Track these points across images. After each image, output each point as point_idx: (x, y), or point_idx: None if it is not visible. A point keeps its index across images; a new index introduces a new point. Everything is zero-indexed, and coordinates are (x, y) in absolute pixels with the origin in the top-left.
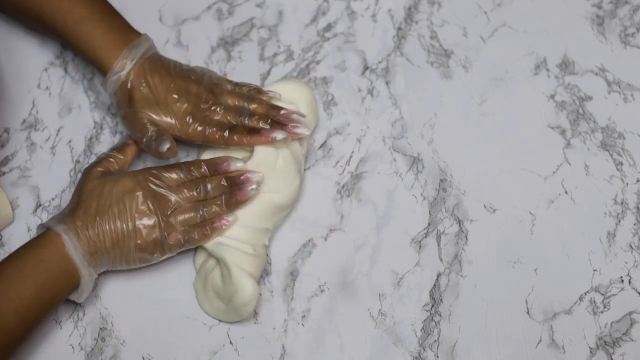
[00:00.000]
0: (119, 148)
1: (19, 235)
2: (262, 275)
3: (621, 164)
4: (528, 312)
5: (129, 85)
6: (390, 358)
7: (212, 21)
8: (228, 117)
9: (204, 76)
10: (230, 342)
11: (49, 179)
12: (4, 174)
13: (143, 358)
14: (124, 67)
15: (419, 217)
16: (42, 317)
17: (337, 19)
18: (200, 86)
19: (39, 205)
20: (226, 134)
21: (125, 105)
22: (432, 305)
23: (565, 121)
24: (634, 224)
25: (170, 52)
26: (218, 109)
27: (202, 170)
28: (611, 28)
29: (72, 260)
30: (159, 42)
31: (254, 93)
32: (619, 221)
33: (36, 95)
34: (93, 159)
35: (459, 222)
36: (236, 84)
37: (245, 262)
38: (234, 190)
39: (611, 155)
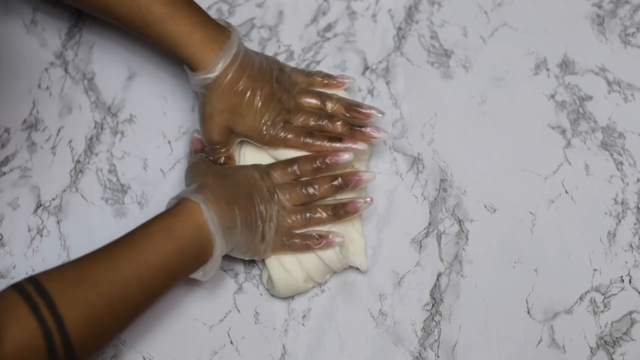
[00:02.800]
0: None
1: (19, 235)
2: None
3: (621, 163)
4: (528, 312)
5: (218, 87)
6: (390, 358)
7: None
8: (310, 121)
9: (284, 75)
10: (231, 342)
11: (50, 179)
12: (4, 174)
13: (144, 358)
14: (216, 67)
15: (420, 217)
16: (166, 289)
17: (338, 19)
18: (281, 88)
19: (39, 205)
20: (308, 140)
21: (208, 105)
22: (433, 305)
23: (565, 121)
24: (634, 224)
25: None
26: (299, 115)
27: (315, 165)
28: (611, 28)
29: (208, 230)
30: None
31: (327, 85)
32: (620, 221)
33: (36, 95)
34: (94, 159)
35: (460, 222)
36: (308, 74)
37: None
38: (343, 203)
39: (611, 155)
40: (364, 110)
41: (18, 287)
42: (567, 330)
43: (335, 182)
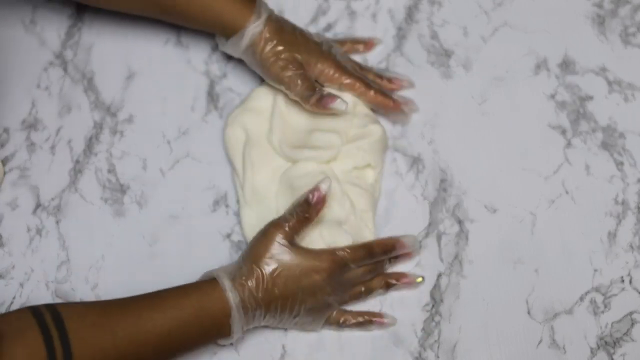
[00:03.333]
0: (302, 206)
1: (18, 235)
2: None
3: (622, 163)
4: (529, 312)
5: (264, 36)
6: (390, 358)
7: None
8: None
9: (321, 38)
10: (231, 342)
11: (49, 179)
12: (4, 173)
13: None
14: (259, 17)
15: (420, 217)
16: (178, 356)
17: (337, 19)
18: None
19: (38, 205)
20: (363, 86)
21: (262, 60)
22: (433, 306)
23: (565, 121)
24: (635, 224)
25: (171, 52)
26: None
27: (381, 251)
28: (612, 28)
29: (230, 324)
30: (159, 42)
31: (374, 75)
32: (620, 221)
33: (36, 95)
34: (93, 159)
35: (460, 222)
36: (361, 67)
37: None
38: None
39: (612, 155)
40: (395, 80)
41: (35, 312)
42: (568, 330)
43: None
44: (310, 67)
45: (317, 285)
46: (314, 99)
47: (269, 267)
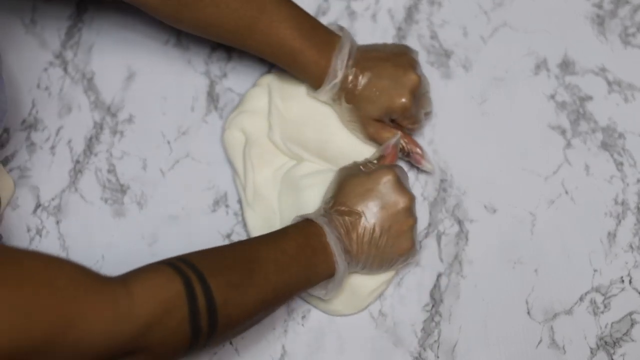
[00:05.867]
0: (378, 157)
1: (18, 235)
2: None
3: (622, 164)
4: (528, 313)
5: (344, 89)
6: (390, 358)
7: None
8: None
9: (411, 60)
10: (230, 342)
11: (49, 179)
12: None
13: None
14: (336, 75)
15: (420, 217)
16: (297, 280)
17: (337, 19)
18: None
19: (38, 205)
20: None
21: (347, 113)
22: (433, 306)
23: (565, 121)
24: (635, 224)
25: (171, 52)
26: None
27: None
28: (612, 28)
29: (331, 249)
30: (159, 42)
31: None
32: (620, 221)
33: (36, 95)
34: (93, 159)
35: (459, 223)
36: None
37: None
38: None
39: (612, 156)
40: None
41: (162, 261)
42: (567, 330)
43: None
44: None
45: (397, 194)
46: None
47: (347, 199)
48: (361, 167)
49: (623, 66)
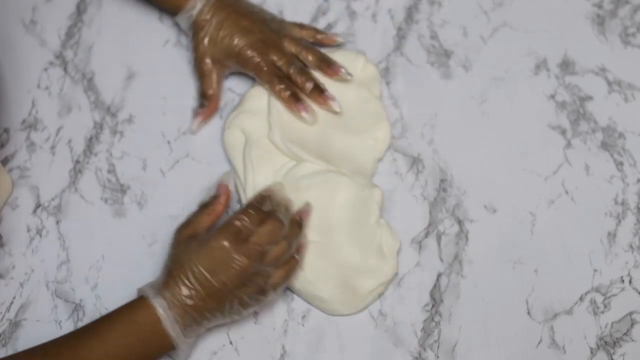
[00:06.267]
0: (207, 204)
1: (18, 235)
2: None
3: (622, 164)
4: (528, 313)
5: (197, 23)
6: (390, 358)
7: None
8: (280, 63)
9: (273, 19)
10: (230, 342)
11: (49, 179)
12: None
13: None
14: (195, 5)
15: (419, 217)
16: None
17: (337, 19)
18: (266, 27)
19: (38, 205)
20: (278, 83)
21: (193, 48)
22: (433, 306)
23: (565, 121)
24: (635, 224)
25: (170, 52)
26: (279, 55)
27: (268, 203)
28: (612, 28)
29: (167, 333)
30: (159, 42)
31: (313, 35)
32: (620, 221)
33: (36, 95)
34: (93, 159)
35: (459, 222)
36: (302, 27)
37: None
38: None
39: (612, 156)
40: (333, 67)
41: None
42: (567, 330)
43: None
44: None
45: (228, 260)
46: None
47: (184, 267)
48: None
49: (623, 66)
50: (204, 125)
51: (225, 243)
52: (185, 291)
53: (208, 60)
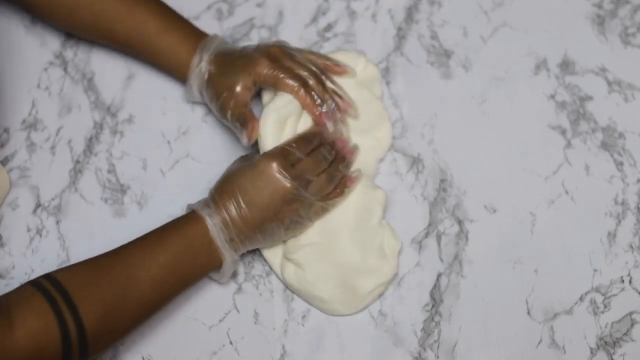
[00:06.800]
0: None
1: (18, 235)
2: (262, 275)
3: (622, 164)
4: (528, 313)
5: (206, 75)
6: (390, 358)
7: (212, 21)
8: (295, 68)
9: (280, 44)
10: (230, 342)
11: (49, 178)
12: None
13: (143, 358)
14: (201, 60)
15: (419, 217)
16: (178, 289)
17: (337, 19)
18: (276, 51)
19: (38, 205)
20: (301, 88)
21: (210, 98)
22: (433, 306)
23: (565, 121)
24: (635, 224)
25: None
26: (287, 60)
27: (317, 139)
28: (612, 28)
29: (215, 243)
30: None
31: (322, 64)
32: (620, 221)
33: (36, 95)
34: (93, 159)
35: (459, 222)
36: (309, 51)
37: None
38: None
39: (612, 156)
40: (340, 66)
41: (34, 283)
42: (567, 330)
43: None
44: (250, 77)
45: (274, 180)
46: (244, 132)
47: (232, 184)
48: (242, 158)
49: (623, 66)
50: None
51: (274, 164)
52: (232, 206)
53: (227, 94)
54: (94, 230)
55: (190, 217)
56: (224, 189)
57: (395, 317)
